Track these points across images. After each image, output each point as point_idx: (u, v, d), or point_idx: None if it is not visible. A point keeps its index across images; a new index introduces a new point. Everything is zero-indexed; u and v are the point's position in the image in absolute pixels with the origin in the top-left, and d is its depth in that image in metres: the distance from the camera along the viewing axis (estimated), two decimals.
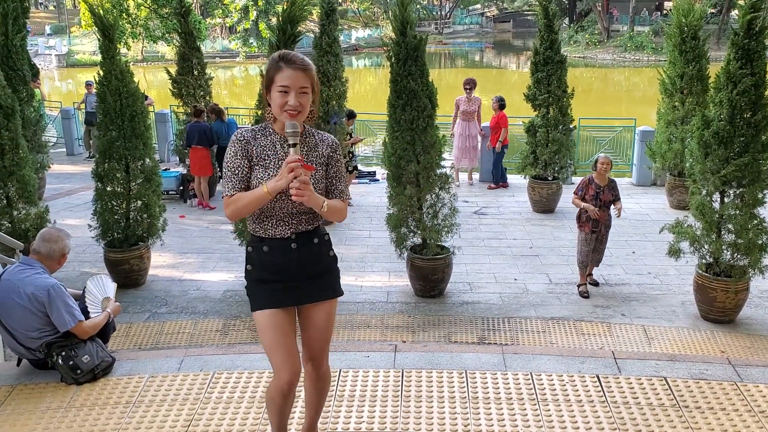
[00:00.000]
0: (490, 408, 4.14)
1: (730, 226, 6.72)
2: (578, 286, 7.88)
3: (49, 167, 12.52)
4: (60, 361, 4.46)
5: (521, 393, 4.30)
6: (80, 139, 17.07)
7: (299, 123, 3.00)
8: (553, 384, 4.40)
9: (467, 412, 4.09)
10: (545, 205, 11.20)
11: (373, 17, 68.98)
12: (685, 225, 7.03)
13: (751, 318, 7.11)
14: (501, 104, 12.53)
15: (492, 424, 3.97)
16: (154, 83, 34.45)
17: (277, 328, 3.14)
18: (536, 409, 4.12)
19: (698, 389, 4.32)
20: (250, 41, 48.54)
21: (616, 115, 20.66)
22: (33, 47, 42.46)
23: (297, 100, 2.96)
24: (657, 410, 4.09)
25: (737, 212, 6.68)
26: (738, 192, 6.70)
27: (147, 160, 8.02)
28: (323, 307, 3.25)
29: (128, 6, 37.70)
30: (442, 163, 7.65)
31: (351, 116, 11.72)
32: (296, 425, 3.94)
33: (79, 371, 4.46)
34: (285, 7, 7.48)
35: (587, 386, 4.36)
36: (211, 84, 13.28)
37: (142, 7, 34.07)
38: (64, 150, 17.12)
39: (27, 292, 4.45)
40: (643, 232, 9.97)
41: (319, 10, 10.67)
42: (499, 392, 4.32)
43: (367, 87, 39.56)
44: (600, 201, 7.63)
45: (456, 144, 12.85)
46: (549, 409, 4.12)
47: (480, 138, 12.92)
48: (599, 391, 4.30)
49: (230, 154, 3.12)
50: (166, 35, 33.18)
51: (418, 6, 63.07)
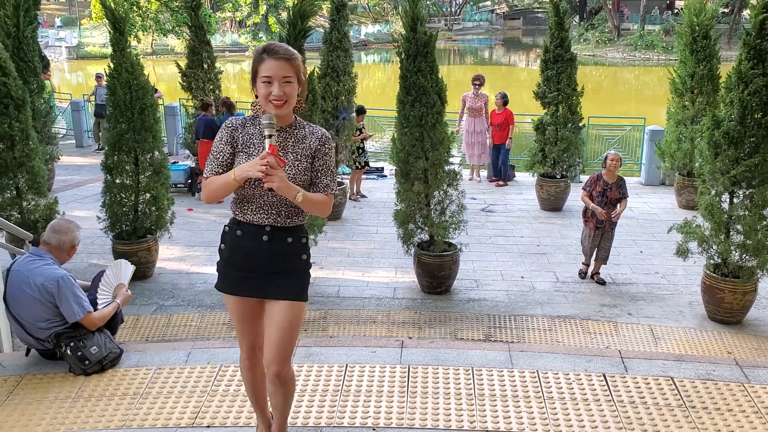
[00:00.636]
0: (496, 405, 4.14)
1: (739, 227, 6.70)
2: (579, 270, 8.31)
3: (59, 159, 12.57)
4: (68, 352, 4.49)
5: (527, 391, 4.31)
6: (89, 131, 17.12)
7: (289, 113, 3.08)
8: (560, 382, 4.40)
9: (473, 409, 4.09)
10: (553, 203, 11.18)
11: (383, 13, 68.86)
12: (694, 225, 7.02)
13: (759, 319, 7.09)
14: (505, 100, 12.53)
15: (498, 422, 3.97)
16: (164, 76, 34.52)
17: (239, 314, 3.30)
18: (542, 407, 4.12)
19: (705, 389, 4.31)
20: (260, 35, 48.52)
21: (626, 114, 20.59)
22: (43, 39, 42.56)
23: (281, 90, 2.97)
24: (663, 410, 4.08)
25: (746, 213, 6.65)
26: (747, 193, 6.67)
27: (156, 153, 8.04)
28: (281, 307, 3.18)
29: None
30: (451, 160, 7.65)
31: (361, 112, 11.66)
32: (302, 419, 3.96)
33: (88, 362, 4.49)
34: (296, 2, 7.48)
35: (593, 385, 4.36)
36: (221, 78, 13.30)
37: (153, 0, 34.06)
38: (74, 142, 17.20)
39: (37, 283, 4.48)
40: (651, 232, 9.94)
41: (330, 5, 10.66)
42: (506, 390, 4.32)
43: (376, 83, 39.53)
44: (606, 198, 7.70)
45: (463, 140, 12.84)
46: (555, 408, 4.12)
47: (488, 134, 12.87)
48: (605, 390, 4.30)
49: (216, 139, 3.18)
50: (176, 28, 33.14)
51: (428, 2, 62.87)
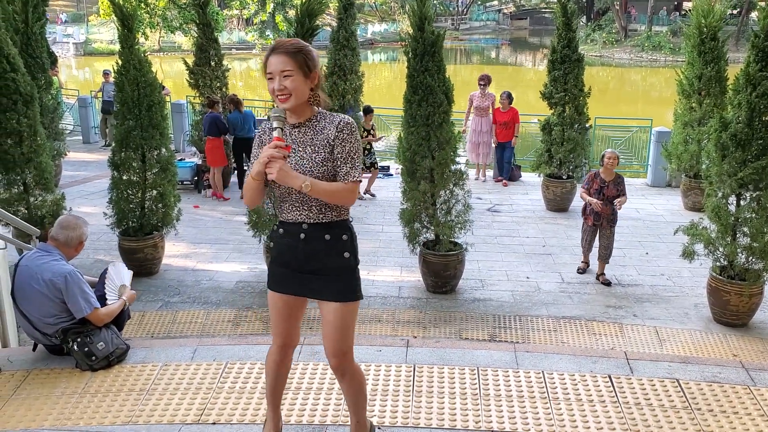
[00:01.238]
0: (502, 405, 4.14)
1: (746, 230, 6.69)
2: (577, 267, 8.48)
3: (66, 155, 12.62)
4: (75, 348, 4.51)
5: (533, 391, 4.31)
6: (97, 128, 17.19)
7: (303, 107, 3.08)
8: (565, 383, 4.40)
9: (479, 409, 4.10)
10: (559, 204, 11.17)
11: (390, 11, 68.77)
12: (700, 227, 7.00)
13: (765, 322, 7.08)
14: (510, 99, 12.57)
15: (503, 422, 3.98)
16: (171, 73, 34.55)
17: (278, 310, 3.33)
18: (548, 408, 4.12)
19: (711, 392, 4.30)
20: (267, 33, 48.55)
21: (633, 115, 20.54)
22: (51, 35, 42.64)
23: (281, 84, 2.98)
24: (669, 412, 4.08)
25: (753, 216, 6.64)
26: (754, 195, 6.66)
27: (163, 150, 8.07)
28: (333, 309, 3.21)
29: None
30: (457, 159, 7.65)
31: (368, 111, 11.54)
32: (308, 417, 3.97)
33: (94, 358, 4.51)
34: (303, 1, 7.49)
35: (599, 386, 4.36)
36: (228, 75, 13.32)
37: None
38: (81, 138, 17.25)
39: (44, 279, 4.50)
40: (657, 234, 9.92)
41: (337, 4, 10.68)
42: (511, 390, 4.32)
43: (383, 81, 39.53)
44: (603, 195, 7.86)
45: (468, 139, 12.83)
46: (560, 408, 4.12)
47: (493, 134, 12.86)
48: (611, 392, 4.30)
49: (253, 143, 3.27)
50: (184, 26, 33.20)
51: (436, 2, 62.79)
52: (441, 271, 7.68)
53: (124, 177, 7.92)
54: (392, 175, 13.45)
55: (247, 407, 4.09)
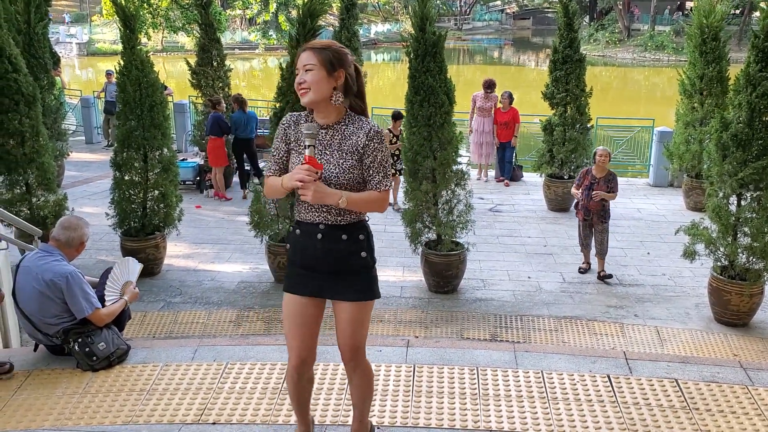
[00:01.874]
0: (501, 405, 4.15)
1: (747, 230, 6.69)
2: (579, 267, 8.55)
3: (68, 155, 12.65)
4: (76, 348, 4.52)
5: (532, 391, 4.31)
6: (99, 128, 17.21)
7: (326, 107, 3.03)
8: (564, 383, 4.41)
9: (478, 409, 4.11)
10: (560, 204, 11.18)
11: (393, 12, 68.80)
12: (701, 227, 7.01)
13: (765, 322, 7.08)
14: (511, 99, 12.61)
15: (502, 422, 3.99)
16: (173, 73, 34.61)
17: (294, 316, 3.21)
18: (546, 408, 4.13)
19: (709, 392, 4.31)
20: (270, 33, 48.64)
21: (635, 115, 20.51)
22: (54, 35, 42.72)
23: (302, 77, 2.97)
24: (667, 412, 4.09)
25: (754, 215, 6.65)
26: (755, 195, 6.67)
27: (165, 150, 8.09)
28: (347, 307, 3.19)
29: None
30: (459, 160, 7.66)
31: (398, 117, 10.92)
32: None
33: (95, 358, 4.52)
34: (305, 1, 7.50)
35: (598, 386, 4.36)
36: (230, 75, 13.34)
37: None
38: (83, 138, 17.28)
39: (46, 279, 4.51)
40: (659, 233, 9.93)
41: (339, 4, 10.68)
42: (510, 390, 4.33)
43: (386, 81, 39.52)
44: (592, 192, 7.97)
45: (471, 139, 12.85)
46: (559, 408, 4.13)
47: (495, 134, 12.86)
48: (610, 392, 4.30)
49: (275, 136, 3.20)
50: (186, 26, 33.30)
51: (438, 2, 62.79)
52: (443, 271, 7.69)
53: (126, 177, 7.94)
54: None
55: (247, 407, 4.10)
